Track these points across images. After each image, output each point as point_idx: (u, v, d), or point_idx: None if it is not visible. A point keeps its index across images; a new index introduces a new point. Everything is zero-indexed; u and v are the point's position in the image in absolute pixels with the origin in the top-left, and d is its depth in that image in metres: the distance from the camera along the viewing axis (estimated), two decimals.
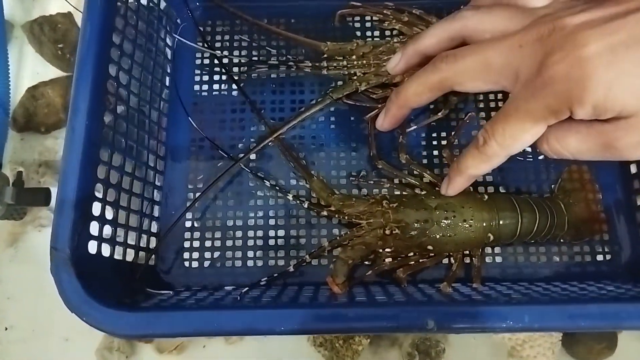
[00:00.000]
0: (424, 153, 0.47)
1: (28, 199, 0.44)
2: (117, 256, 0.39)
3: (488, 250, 0.44)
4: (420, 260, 0.41)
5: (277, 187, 0.45)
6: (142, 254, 0.42)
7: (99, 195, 0.37)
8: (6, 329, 0.46)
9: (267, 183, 0.45)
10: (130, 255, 0.41)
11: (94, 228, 0.36)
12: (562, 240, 0.44)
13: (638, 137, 0.28)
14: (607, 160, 0.31)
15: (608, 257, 0.44)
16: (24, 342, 0.46)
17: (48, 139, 0.51)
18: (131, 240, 0.41)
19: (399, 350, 0.44)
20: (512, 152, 0.32)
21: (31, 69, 0.54)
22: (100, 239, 0.37)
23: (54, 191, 0.43)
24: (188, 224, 0.45)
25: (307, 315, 0.32)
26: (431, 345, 0.43)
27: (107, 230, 0.38)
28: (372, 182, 0.45)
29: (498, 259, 0.44)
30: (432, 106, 0.47)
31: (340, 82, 0.48)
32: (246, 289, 0.38)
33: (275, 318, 0.32)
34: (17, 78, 0.53)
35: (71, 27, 0.53)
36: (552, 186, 0.45)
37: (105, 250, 0.37)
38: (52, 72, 0.53)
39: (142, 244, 0.43)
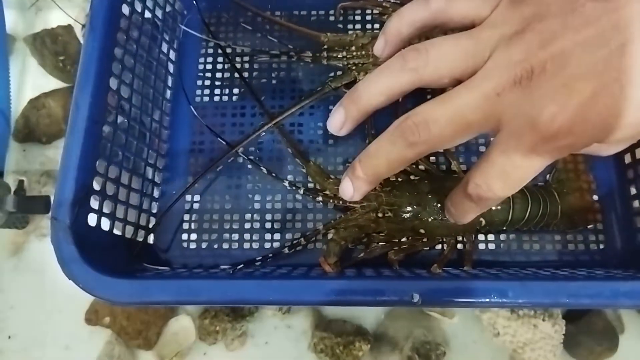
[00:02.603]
0: None
1: (29, 207, 0.45)
2: (117, 231, 0.40)
3: (481, 237, 0.44)
4: (413, 244, 0.42)
5: (273, 174, 0.46)
6: (141, 232, 0.43)
7: (101, 171, 0.39)
8: (9, 337, 0.47)
9: (264, 170, 0.46)
10: (129, 232, 0.42)
11: (94, 203, 0.38)
12: (555, 229, 0.44)
13: (623, 146, 0.29)
14: None
15: (601, 246, 0.44)
16: (26, 351, 0.46)
17: (49, 150, 0.52)
18: (131, 218, 0.42)
19: (399, 355, 0.44)
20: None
21: (33, 80, 0.55)
22: (100, 212, 0.38)
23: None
24: (187, 206, 0.46)
25: (295, 286, 0.33)
26: (431, 348, 0.43)
27: (108, 206, 0.39)
28: None
29: (491, 246, 0.44)
30: (429, 96, 0.48)
31: (339, 72, 0.49)
32: (241, 265, 0.39)
33: (265, 289, 0.32)
34: (19, 90, 0.54)
35: (71, 39, 0.54)
36: (547, 176, 0.46)
37: (105, 225, 0.39)
38: (54, 83, 0.54)
39: (142, 222, 0.44)
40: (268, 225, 0.45)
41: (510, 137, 0.27)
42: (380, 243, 0.42)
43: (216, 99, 0.50)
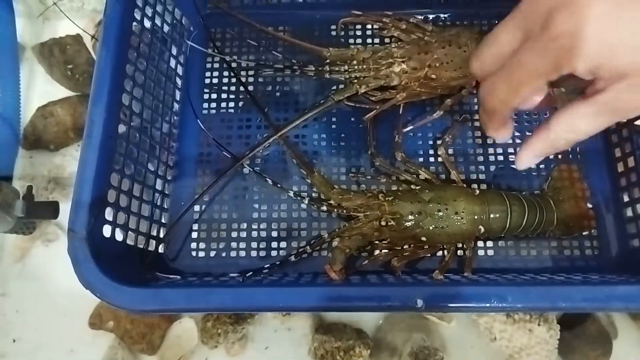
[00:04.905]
0: (421, 152, 0.49)
1: (37, 212, 0.46)
2: (130, 242, 0.42)
3: (480, 244, 0.46)
4: (415, 251, 0.43)
5: (278, 184, 0.47)
6: (152, 242, 0.45)
7: (114, 183, 0.40)
8: (14, 341, 0.48)
9: (269, 180, 0.47)
10: (141, 242, 0.43)
11: (108, 214, 0.39)
12: (551, 236, 0.45)
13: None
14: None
15: (596, 252, 0.45)
16: (31, 354, 0.47)
17: (57, 157, 0.53)
18: (143, 228, 0.44)
19: None
20: (514, 106, 0.32)
21: (40, 89, 0.56)
22: (114, 224, 0.39)
23: (62, 206, 0.46)
24: (196, 216, 0.48)
25: (304, 293, 0.34)
26: (430, 353, 0.44)
27: (121, 217, 0.41)
28: (369, 177, 0.48)
29: (490, 252, 0.46)
30: (428, 108, 0.50)
31: (341, 85, 0.50)
32: (250, 273, 0.41)
33: (274, 295, 0.34)
34: (27, 98, 0.55)
35: (80, 48, 0.55)
36: (543, 184, 0.47)
37: (119, 235, 0.40)
38: (61, 92, 0.56)
39: (153, 232, 0.45)
40: (274, 234, 0.47)
41: (526, 43, 0.30)
42: (384, 251, 0.44)
43: (222, 111, 0.52)
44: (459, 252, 0.45)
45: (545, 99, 0.34)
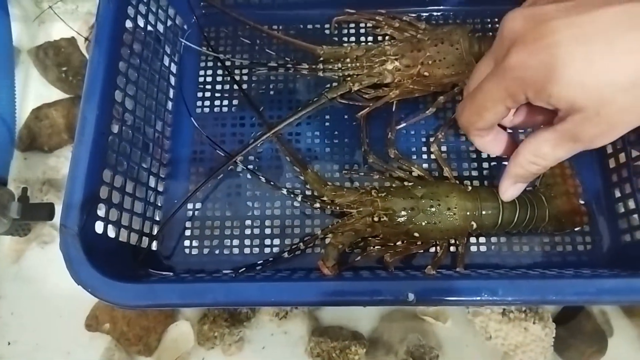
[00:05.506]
0: (413, 149, 0.49)
1: (33, 214, 0.46)
2: (123, 238, 0.42)
3: (473, 240, 0.46)
4: (408, 247, 0.43)
5: (272, 182, 0.47)
6: (145, 239, 0.45)
7: (107, 180, 0.40)
8: (9, 343, 0.48)
9: (263, 179, 0.47)
10: (134, 239, 0.43)
11: (101, 210, 0.39)
12: (544, 232, 0.46)
13: (596, 129, 0.30)
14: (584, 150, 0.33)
15: (589, 247, 0.46)
16: (27, 357, 0.47)
17: (51, 158, 0.54)
18: (135, 225, 0.44)
19: (394, 359, 0.46)
20: (479, 127, 0.35)
21: (35, 91, 0.56)
22: (106, 220, 0.39)
23: (57, 208, 0.45)
24: (189, 213, 0.48)
25: (296, 287, 0.34)
26: (425, 352, 0.44)
27: (114, 213, 0.41)
28: (362, 174, 0.48)
29: (482, 248, 0.46)
30: (421, 105, 0.50)
31: (335, 83, 0.51)
32: (243, 269, 0.41)
33: (267, 290, 0.34)
34: (22, 100, 0.55)
35: (74, 51, 0.56)
36: (536, 181, 0.47)
37: (111, 232, 0.40)
38: (56, 94, 0.56)
39: (146, 229, 0.45)
40: (267, 231, 0.47)
41: (490, 71, 0.34)
42: (376, 247, 0.44)
43: (216, 109, 0.52)
44: (452, 249, 0.45)
45: (528, 119, 0.36)
